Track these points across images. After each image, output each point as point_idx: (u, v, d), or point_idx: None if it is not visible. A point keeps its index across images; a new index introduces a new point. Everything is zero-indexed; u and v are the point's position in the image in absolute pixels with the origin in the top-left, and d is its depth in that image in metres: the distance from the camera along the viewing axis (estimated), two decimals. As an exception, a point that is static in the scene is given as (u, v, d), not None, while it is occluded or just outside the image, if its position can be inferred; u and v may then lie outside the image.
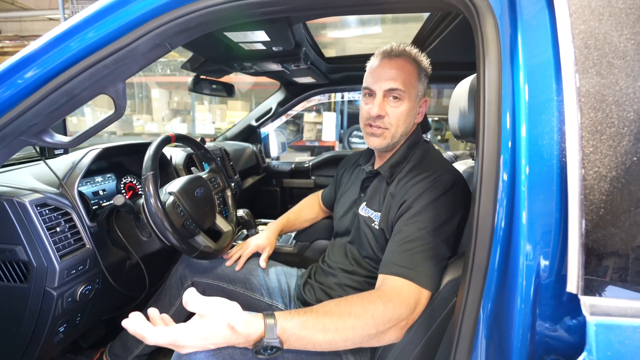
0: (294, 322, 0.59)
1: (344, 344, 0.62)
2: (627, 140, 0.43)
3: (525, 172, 0.47)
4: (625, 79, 0.44)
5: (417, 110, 0.89)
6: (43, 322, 0.82)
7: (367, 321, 0.62)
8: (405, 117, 0.86)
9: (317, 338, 0.60)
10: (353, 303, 0.64)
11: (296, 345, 0.60)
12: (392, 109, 0.85)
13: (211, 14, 0.61)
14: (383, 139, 0.87)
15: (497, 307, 0.50)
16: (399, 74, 0.83)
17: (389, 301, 0.65)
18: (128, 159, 1.32)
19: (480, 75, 0.54)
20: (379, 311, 0.63)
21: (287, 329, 0.59)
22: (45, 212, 0.81)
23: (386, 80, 0.84)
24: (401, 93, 0.84)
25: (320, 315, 0.61)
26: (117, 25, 0.60)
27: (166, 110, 7.07)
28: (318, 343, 0.60)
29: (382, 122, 0.86)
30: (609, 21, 0.45)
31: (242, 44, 1.19)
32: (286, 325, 0.59)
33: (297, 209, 1.35)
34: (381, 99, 0.85)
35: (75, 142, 0.72)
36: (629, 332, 0.40)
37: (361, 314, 0.62)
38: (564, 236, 0.44)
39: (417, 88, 0.86)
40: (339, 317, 0.61)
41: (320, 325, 0.60)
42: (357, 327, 0.61)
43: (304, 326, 0.59)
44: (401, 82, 0.83)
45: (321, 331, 0.60)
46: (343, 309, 0.63)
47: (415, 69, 0.86)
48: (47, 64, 0.60)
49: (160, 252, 1.10)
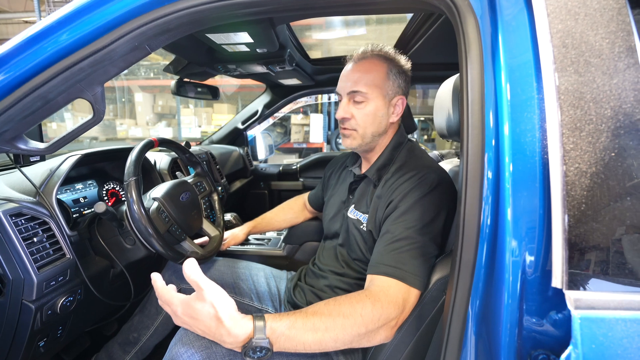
0: (283, 322, 0.59)
1: (334, 344, 0.61)
2: (605, 136, 0.44)
3: (509, 170, 0.47)
4: (601, 76, 0.45)
5: (390, 109, 0.89)
6: (21, 337, 0.78)
7: (356, 320, 0.62)
8: (372, 118, 0.86)
9: (306, 338, 0.59)
10: (342, 303, 0.64)
11: (286, 345, 0.59)
12: (357, 110, 0.87)
13: (191, 15, 0.60)
14: (353, 140, 0.89)
15: (485, 304, 0.50)
16: (362, 75, 0.85)
17: (376, 300, 0.65)
18: (110, 164, 1.28)
19: (463, 75, 0.54)
20: (367, 310, 0.63)
21: (276, 330, 0.58)
22: (21, 222, 0.77)
23: (349, 83, 0.86)
24: (364, 94, 0.85)
25: (309, 315, 0.61)
26: (93, 26, 0.57)
27: (150, 115, 6.94)
28: (308, 343, 0.60)
29: (349, 124, 0.88)
30: (585, 20, 0.46)
31: (225, 46, 1.18)
32: (275, 325, 0.59)
33: (277, 209, 1.37)
34: (346, 102, 0.87)
35: (51, 149, 0.69)
36: (613, 324, 0.41)
37: (350, 313, 0.62)
38: (548, 232, 0.45)
39: (385, 87, 0.86)
40: (328, 317, 0.61)
41: (309, 324, 0.60)
42: (346, 327, 0.61)
43: (293, 326, 0.59)
44: (363, 84, 0.84)
45: (310, 330, 0.60)
46: (332, 309, 0.63)
47: (384, 67, 0.86)
48: (19, 67, 0.57)
49: (146, 259, 1.07)
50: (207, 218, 1.16)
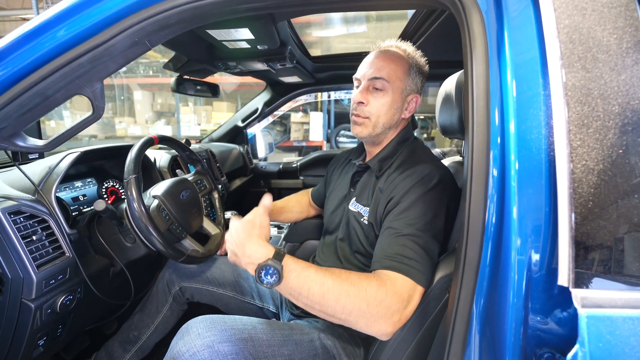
0: (299, 264, 0.66)
1: (335, 304, 0.63)
2: (612, 133, 0.43)
3: (514, 167, 0.47)
4: (609, 72, 0.44)
5: (404, 105, 0.90)
6: (20, 336, 0.78)
7: (360, 292, 0.64)
8: (387, 109, 0.87)
9: (313, 285, 0.64)
10: (351, 273, 0.68)
11: (293, 283, 0.64)
12: (374, 99, 0.87)
13: (192, 10, 0.59)
14: (364, 128, 0.89)
15: (490, 303, 0.50)
16: (385, 65, 0.86)
17: (382, 285, 0.66)
18: (109, 162, 1.27)
19: (467, 71, 0.54)
20: (372, 288, 0.65)
21: (290, 265, 0.65)
22: (20, 220, 0.76)
23: (372, 70, 0.87)
24: (384, 83, 0.85)
25: (321, 270, 0.66)
26: (92, 21, 0.57)
27: (150, 113, 6.91)
28: (312, 291, 0.64)
29: (362, 111, 0.88)
30: (592, 16, 0.45)
31: (226, 43, 1.17)
32: (291, 262, 0.66)
33: (286, 199, 1.32)
34: (365, 88, 0.87)
35: (50, 146, 0.69)
36: (620, 322, 0.40)
37: (357, 283, 0.65)
38: (554, 230, 0.44)
39: (405, 82, 0.87)
40: (337, 278, 0.65)
41: (319, 277, 0.65)
42: (350, 294, 0.63)
43: (306, 270, 0.65)
44: (386, 73, 0.85)
45: (319, 282, 0.64)
46: (342, 274, 0.67)
47: (405, 63, 0.87)
48: (16, 63, 0.56)
49: (146, 258, 1.07)
50: (208, 216, 1.15)
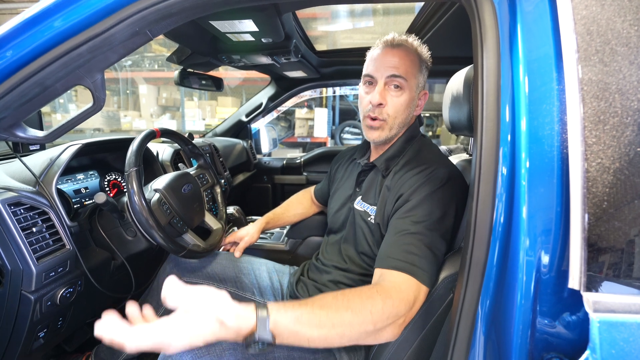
0: (288, 315, 0.56)
1: (340, 341, 0.59)
2: (630, 130, 0.41)
3: (525, 166, 0.45)
4: (628, 66, 0.42)
5: (417, 102, 0.88)
6: (20, 327, 0.77)
7: (365, 317, 0.59)
8: (404, 108, 0.84)
9: (311, 333, 0.56)
10: (351, 298, 0.61)
11: (289, 340, 0.56)
12: (393, 98, 0.83)
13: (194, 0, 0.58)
14: (382, 132, 0.85)
15: (496, 304, 0.48)
16: (402, 62, 0.82)
17: (388, 297, 0.62)
18: (112, 155, 1.27)
19: (477, 65, 0.52)
20: (377, 307, 0.60)
21: (280, 323, 0.55)
22: (20, 211, 0.76)
23: (388, 68, 0.82)
24: (403, 82, 0.82)
25: (316, 309, 0.58)
26: (91, 9, 0.55)
27: (154, 107, 6.92)
28: (312, 339, 0.57)
29: (380, 112, 0.84)
30: (612, 6, 0.43)
31: (230, 35, 1.15)
32: (279, 318, 0.55)
33: (285, 204, 1.33)
34: (382, 87, 0.83)
35: (51, 137, 0.68)
36: (634, 329, 0.38)
37: (359, 309, 0.59)
38: (565, 231, 0.43)
39: (418, 79, 0.85)
40: (335, 312, 0.58)
41: (315, 320, 0.57)
42: (354, 324, 0.58)
43: (299, 321, 0.56)
44: (403, 70, 0.81)
45: (316, 326, 0.56)
46: (340, 304, 0.60)
47: (417, 59, 0.84)
48: (14, 51, 0.55)
49: (147, 251, 1.06)
50: (210, 211, 1.15)
